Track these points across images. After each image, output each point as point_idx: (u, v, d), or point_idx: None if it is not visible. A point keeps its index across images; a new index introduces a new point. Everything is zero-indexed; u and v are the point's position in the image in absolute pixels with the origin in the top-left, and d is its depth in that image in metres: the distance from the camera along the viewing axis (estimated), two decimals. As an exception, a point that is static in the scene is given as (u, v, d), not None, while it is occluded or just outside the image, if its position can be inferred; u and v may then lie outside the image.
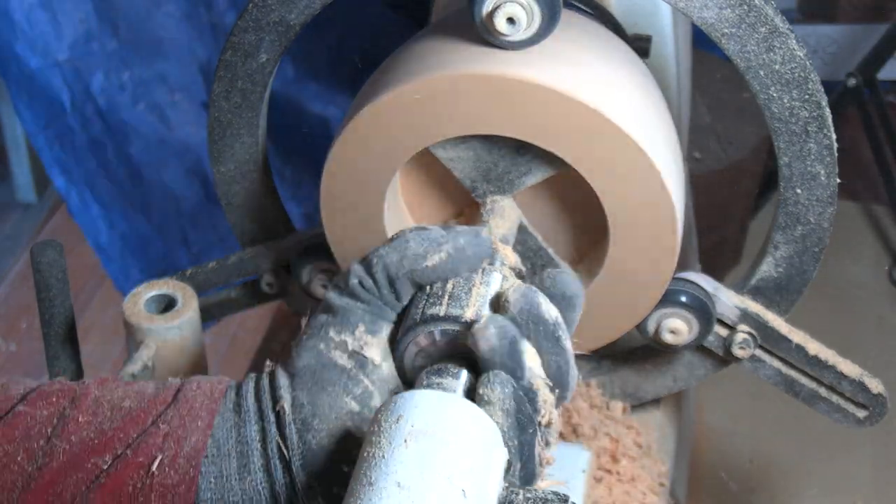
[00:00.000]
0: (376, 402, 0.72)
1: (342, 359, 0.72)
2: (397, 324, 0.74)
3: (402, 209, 0.98)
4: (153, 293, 1.01)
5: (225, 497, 0.69)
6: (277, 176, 2.14)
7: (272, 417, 0.71)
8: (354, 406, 0.71)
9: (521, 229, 0.94)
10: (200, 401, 0.71)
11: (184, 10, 2.01)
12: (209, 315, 1.15)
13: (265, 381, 0.73)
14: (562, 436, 1.05)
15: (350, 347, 0.72)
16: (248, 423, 0.70)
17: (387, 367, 0.73)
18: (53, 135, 1.99)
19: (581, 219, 0.97)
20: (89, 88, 1.98)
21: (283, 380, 0.72)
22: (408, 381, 0.74)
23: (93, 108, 2.00)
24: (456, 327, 0.71)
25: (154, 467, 0.67)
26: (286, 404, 0.70)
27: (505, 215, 0.91)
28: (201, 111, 2.09)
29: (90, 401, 0.71)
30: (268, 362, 0.75)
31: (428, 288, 0.74)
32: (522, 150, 0.91)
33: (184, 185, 2.11)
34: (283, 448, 0.69)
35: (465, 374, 0.70)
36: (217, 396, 0.71)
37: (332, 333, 0.73)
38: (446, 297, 0.72)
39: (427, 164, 0.95)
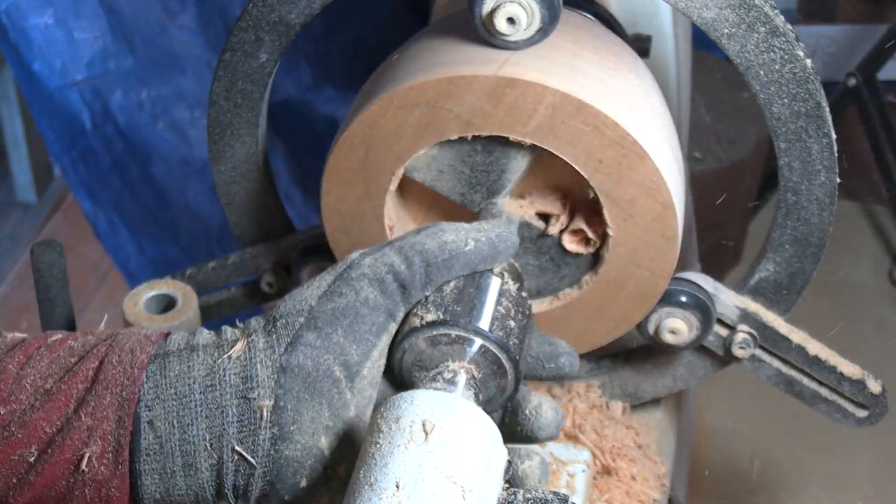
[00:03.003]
0: (350, 414, 0.70)
1: (339, 369, 0.69)
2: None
3: (402, 209, 0.98)
4: (153, 293, 1.01)
5: (170, 492, 0.68)
6: (300, 189, 2.12)
7: (234, 415, 0.67)
8: (330, 422, 0.69)
9: (527, 226, 0.93)
10: (120, 382, 0.67)
11: (197, 20, 1.96)
12: (209, 315, 1.15)
13: (230, 371, 0.67)
14: (562, 436, 1.05)
15: (350, 357, 0.69)
16: (195, 419, 0.67)
17: (372, 375, 0.71)
18: (77, 155, 1.95)
19: (580, 218, 0.97)
20: (109, 107, 1.95)
21: (264, 371, 0.68)
22: (403, 380, 0.74)
23: (113, 128, 1.97)
24: (458, 333, 0.71)
25: (83, 465, 0.66)
26: (266, 408, 0.67)
27: (504, 217, 0.91)
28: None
29: (10, 385, 0.67)
30: (228, 329, 0.70)
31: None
32: (491, 147, 0.90)
33: (208, 204, 2.06)
34: (244, 453, 0.67)
35: (463, 376, 0.70)
36: (137, 375, 0.67)
37: (339, 336, 0.69)
38: (447, 301, 0.73)
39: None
